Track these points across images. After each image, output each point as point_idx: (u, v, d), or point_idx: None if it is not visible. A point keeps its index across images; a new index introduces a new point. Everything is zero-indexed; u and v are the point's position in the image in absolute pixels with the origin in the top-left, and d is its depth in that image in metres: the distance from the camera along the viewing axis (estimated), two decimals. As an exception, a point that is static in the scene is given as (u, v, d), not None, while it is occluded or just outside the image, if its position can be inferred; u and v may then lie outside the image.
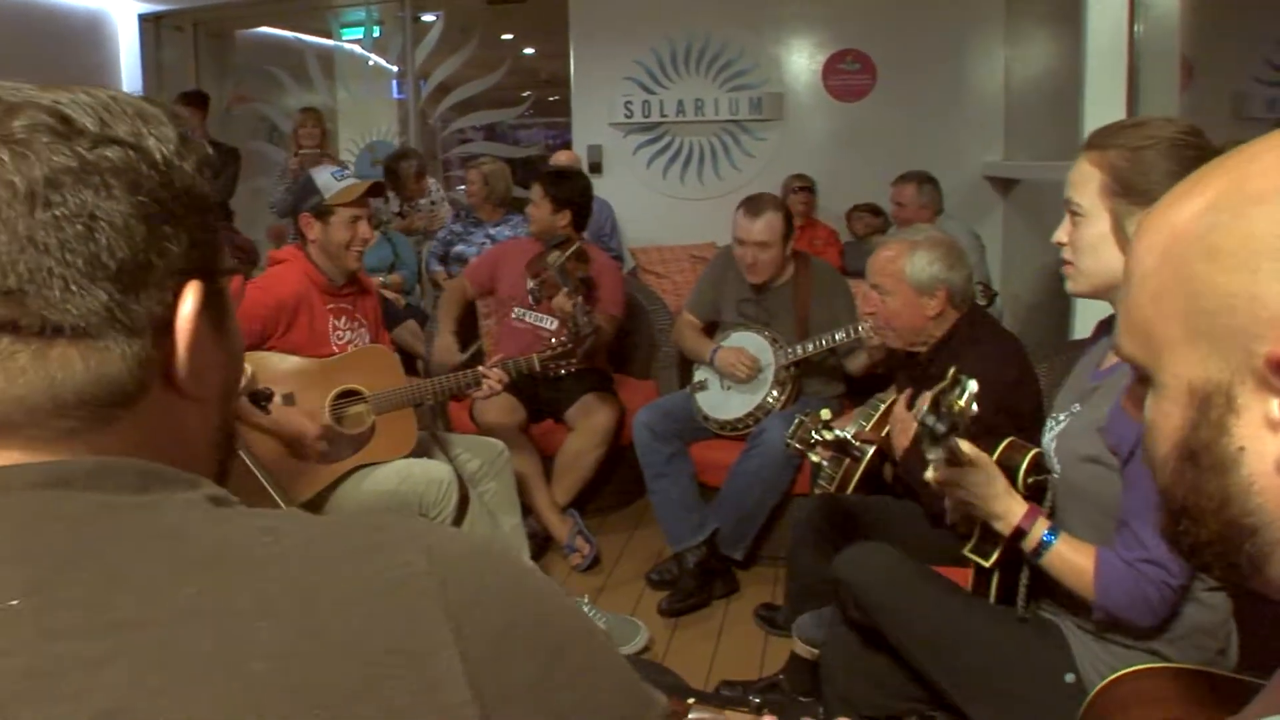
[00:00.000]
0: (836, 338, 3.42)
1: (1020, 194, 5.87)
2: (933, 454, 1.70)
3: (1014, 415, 2.27)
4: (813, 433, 2.47)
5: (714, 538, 3.53)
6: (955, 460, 1.71)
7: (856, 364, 3.59)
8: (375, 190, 3.14)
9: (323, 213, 3.00)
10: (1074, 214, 1.72)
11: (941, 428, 1.63)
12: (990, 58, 6.17)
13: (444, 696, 0.55)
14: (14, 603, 0.52)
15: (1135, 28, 3.42)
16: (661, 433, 3.61)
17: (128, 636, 0.52)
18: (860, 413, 2.84)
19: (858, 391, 3.65)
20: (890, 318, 2.64)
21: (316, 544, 0.60)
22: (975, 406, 1.62)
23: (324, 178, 3.05)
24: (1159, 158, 1.63)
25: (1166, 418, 0.64)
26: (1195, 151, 1.63)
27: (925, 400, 1.73)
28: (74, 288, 0.59)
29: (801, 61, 6.50)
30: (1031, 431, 2.00)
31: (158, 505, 0.60)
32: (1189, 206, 0.63)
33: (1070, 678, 1.78)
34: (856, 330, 3.34)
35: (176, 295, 0.64)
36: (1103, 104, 3.30)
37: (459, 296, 4.18)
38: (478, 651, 0.57)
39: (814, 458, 2.42)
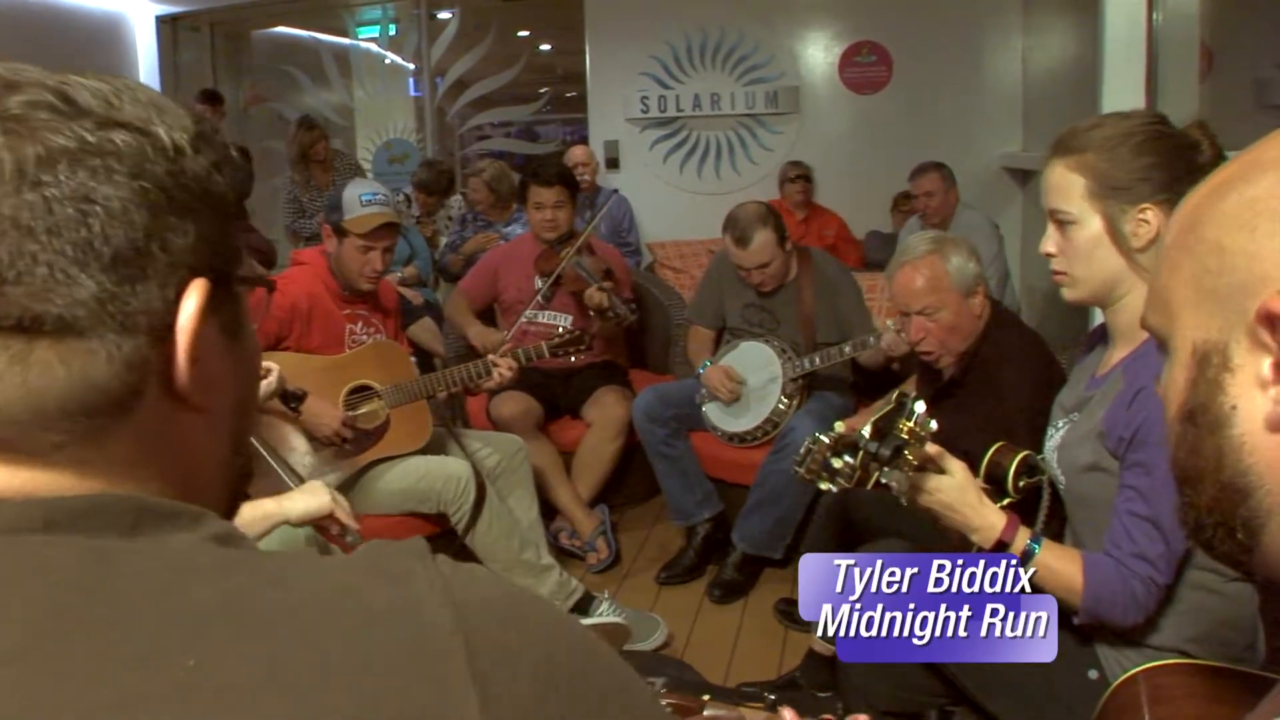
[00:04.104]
0: (845, 350, 3.37)
1: (1039, 185, 5.81)
2: (887, 477, 1.66)
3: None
4: (823, 459, 2.30)
5: (723, 517, 3.62)
6: (925, 467, 1.69)
7: (871, 360, 3.55)
8: (388, 230, 3.02)
9: (339, 230, 3.00)
10: (1061, 222, 1.71)
11: (886, 451, 1.61)
12: (1008, 48, 6.14)
13: None
14: None
15: (1154, 15, 3.37)
16: (657, 415, 3.63)
17: (124, 716, 0.47)
18: (880, 408, 2.79)
19: (870, 385, 3.63)
20: (946, 334, 2.55)
21: (331, 598, 0.53)
22: (934, 423, 1.61)
23: (350, 195, 3.02)
24: (1135, 152, 1.63)
25: (1174, 382, 0.66)
26: (1167, 140, 1.64)
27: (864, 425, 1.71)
28: (59, 275, 0.53)
29: (817, 54, 6.48)
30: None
31: (155, 552, 0.53)
32: (1208, 184, 0.65)
33: (1093, 674, 1.76)
34: (866, 344, 3.29)
35: (179, 293, 0.58)
36: (1121, 93, 3.26)
37: (464, 306, 4.15)
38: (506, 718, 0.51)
39: (823, 485, 2.25)
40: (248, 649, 0.49)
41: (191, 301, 0.58)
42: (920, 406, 1.63)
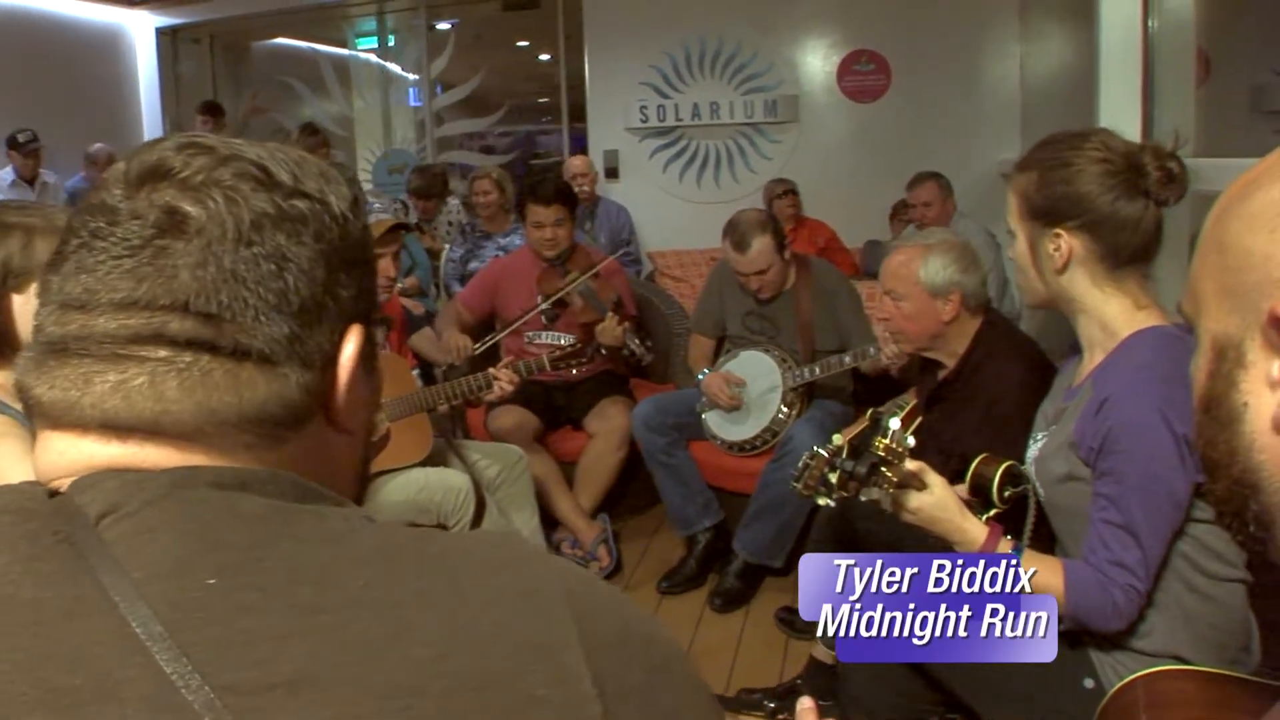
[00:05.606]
0: (846, 360, 3.38)
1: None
2: (866, 495, 1.68)
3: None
4: (820, 474, 2.25)
5: (724, 525, 3.62)
6: (907, 483, 1.70)
7: (871, 368, 3.54)
8: (398, 228, 3.02)
9: None
10: (1010, 235, 1.79)
11: (862, 469, 1.63)
12: (1005, 55, 6.15)
13: (573, 690, 0.61)
14: (211, 581, 0.59)
15: (1150, 22, 3.38)
16: (656, 425, 3.64)
17: (307, 618, 0.59)
18: (856, 427, 2.79)
19: (870, 393, 3.63)
20: (904, 323, 2.61)
21: (459, 551, 0.67)
22: (911, 439, 1.63)
23: None
24: (1058, 178, 1.68)
25: (1198, 371, 0.67)
26: (1096, 166, 1.66)
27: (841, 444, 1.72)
28: (263, 318, 0.66)
29: (816, 63, 6.49)
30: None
31: (320, 514, 0.66)
32: (1241, 181, 0.65)
33: (1089, 683, 1.76)
34: (866, 354, 3.30)
35: (342, 336, 0.71)
36: (1118, 100, 3.26)
37: (454, 318, 4.11)
38: (598, 653, 0.62)
39: (821, 501, 2.20)
40: (403, 579, 0.63)
41: (351, 344, 0.72)
42: (895, 423, 1.64)
